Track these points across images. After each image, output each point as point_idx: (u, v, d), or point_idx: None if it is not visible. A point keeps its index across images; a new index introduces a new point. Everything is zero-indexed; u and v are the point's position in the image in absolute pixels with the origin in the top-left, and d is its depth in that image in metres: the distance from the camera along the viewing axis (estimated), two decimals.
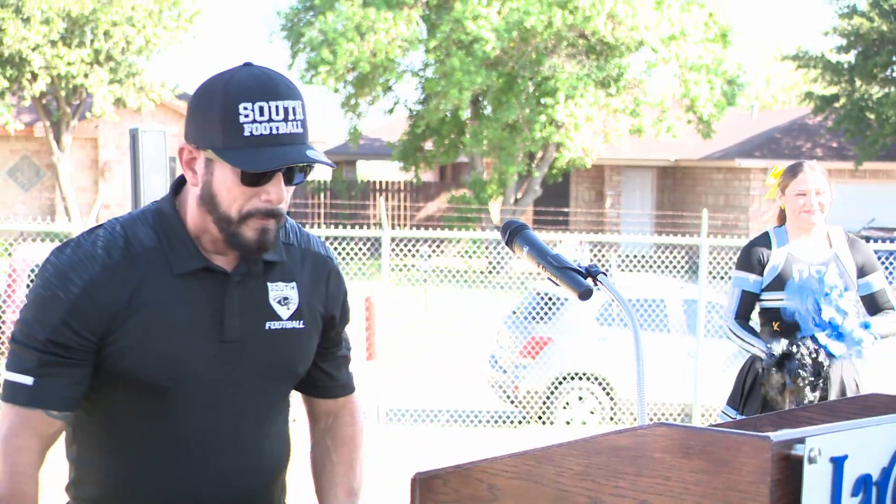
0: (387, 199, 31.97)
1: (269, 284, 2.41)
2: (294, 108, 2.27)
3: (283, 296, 2.42)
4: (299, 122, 2.28)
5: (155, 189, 7.29)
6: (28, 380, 2.27)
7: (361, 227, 28.51)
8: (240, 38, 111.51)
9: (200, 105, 2.29)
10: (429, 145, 28.85)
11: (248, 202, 2.27)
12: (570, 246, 20.71)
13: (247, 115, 2.22)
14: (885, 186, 29.88)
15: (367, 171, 39.08)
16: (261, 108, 2.23)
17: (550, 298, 11.77)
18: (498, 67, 25.56)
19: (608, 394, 11.51)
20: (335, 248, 22.41)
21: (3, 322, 11.04)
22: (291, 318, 2.43)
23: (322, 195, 32.14)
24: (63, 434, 2.42)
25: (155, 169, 7.30)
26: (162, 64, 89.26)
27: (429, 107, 26.63)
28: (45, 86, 25.15)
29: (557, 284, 2.87)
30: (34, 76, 24.84)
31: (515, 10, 24.81)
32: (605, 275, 3.03)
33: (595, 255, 23.11)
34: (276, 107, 2.24)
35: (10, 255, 13.53)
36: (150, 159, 7.29)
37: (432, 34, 26.22)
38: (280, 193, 2.27)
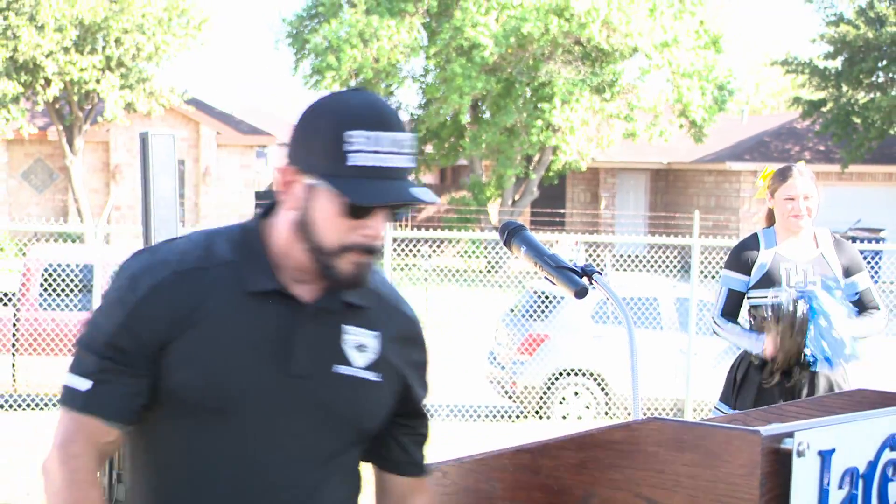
0: None
1: (345, 326, 2.18)
2: (404, 141, 2.09)
3: (361, 342, 2.19)
4: (408, 156, 2.10)
5: (164, 191, 7.29)
6: (86, 384, 2.10)
7: None
8: (246, 45, 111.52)
9: (308, 127, 2.11)
10: (429, 148, 28.85)
11: (346, 234, 2.08)
12: (567, 246, 20.71)
13: (357, 144, 2.04)
14: (871, 188, 29.88)
15: None
16: (372, 138, 2.05)
17: (547, 297, 11.77)
18: (496, 73, 25.56)
19: (603, 389, 11.51)
20: None
21: (18, 320, 11.03)
22: (368, 368, 2.19)
23: None
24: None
25: (164, 171, 7.29)
26: (171, 70, 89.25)
27: (429, 111, 26.63)
28: (59, 91, 25.15)
29: (554, 283, 2.87)
30: (48, 82, 24.83)
31: (513, 17, 24.81)
32: (600, 274, 3.02)
33: (590, 255, 23.10)
34: (387, 138, 2.06)
35: (24, 254, 13.53)
36: (160, 162, 7.29)
37: (433, 41, 26.23)
38: (380, 229, 2.09)
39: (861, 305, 5.21)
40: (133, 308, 2.09)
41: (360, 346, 2.18)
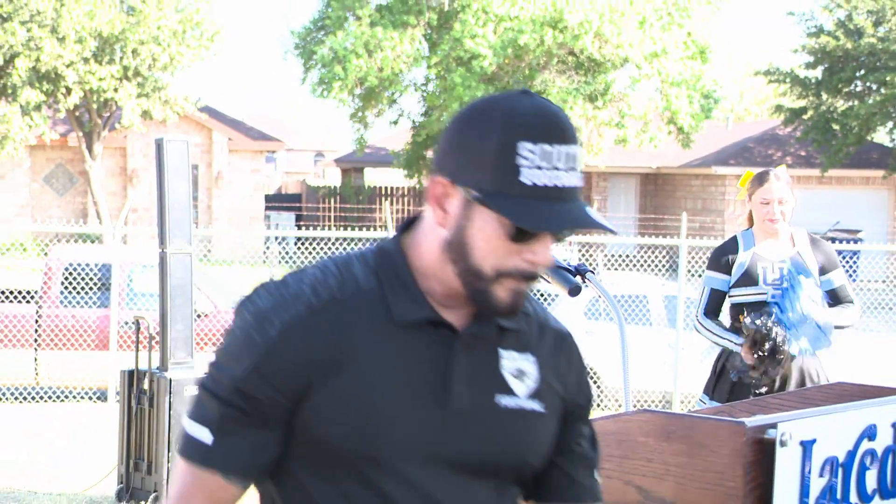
0: (391, 204, 31.95)
1: (501, 351, 1.83)
2: (576, 155, 1.73)
3: (520, 368, 1.85)
4: (579, 173, 1.74)
5: (178, 194, 7.28)
6: (207, 435, 1.76)
7: (368, 229, 28.48)
8: (257, 56, 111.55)
9: (469, 134, 1.73)
10: (430, 154, 28.86)
11: (507, 259, 1.72)
12: (561, 246, 20.70)
13: (528, 158, 1.68)
14: (849, 192, 29.88)
15: (374, 177, 39.07)
16: (545, 153, 1.69)
17: (542, 294, 11.76)
18: (494, 82, 25.56)
19: (595, 382, 11.50)
20: (344, 250, 22.34)
21: (40, 316, 11.03)
22: (530, 397, 1.85)
23: (332, 199, 32.14)
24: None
25: (178, 175, 7.29)
26: (185, 79, 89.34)
27: (431, 118, 26.64)
28: (79, 99, 25.16)
29: (549, 282, 2.87)
30: (68, 91, 24.84)
31: (510, 29, 24.81)
32: (593, 273, 3.03)
33: (583, 255, 23.09)
34: (563, 152, 1.70)
35: (46, 254, 13.52)
36: (174, 167, 7.28)
37: (434, 52, 26.23)
38: (548, 255, 1.76)
39: (836, 300, 5.22)
40: (264, 351, 1.74)
41: (520, 373, 1.85)
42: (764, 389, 5.03)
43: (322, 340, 1.74)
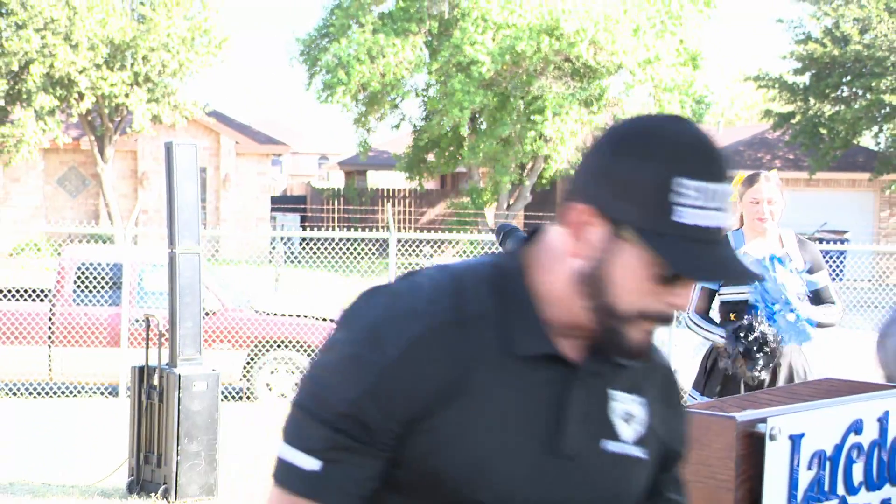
0: (394, 205, 31.95)
1: (612, 392, 1.64)
2: (730, 193, 1.53)
3: (629, 411, 1.65)
4: (729, 212, 1.53)
5: (187, 196, 7.28)
6: (313, 464, 1.52)
7: (371, 229, 28.49)
8: (263, 62, 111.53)
9: (622, 162, 1.51)
10: (431, 157, 28.85)
11: (648, 300, 1.52)
12: None
13: (688, 196, 1.48)
14: (836, 194, 29.88)
15: (376, 179, 39.07)
16: (705, 190, 1.49)
17: None
18: (493, 88, 25.56)
19: None
20: (348, 250, 22.45)
21: (54, 314, 11.03)
22: (635, 442, 1.65)
23: (336, 201, 32.13)
24: None
25: (187, 178, 7.29)
26: (194, 85, 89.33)
27: (432, 123, 26.64)
28: (91, 104, 25.17)
29: None
30: (81, 96, 24.84)
31: (508, 36, 24.81)
32: None
33: None
34: (718, 191, 1.50)
35: (59, 254, 13.52)
36: (183, 169, 7.28)
37: (434, 58, 26.23)
38: (688, 298, 1.56)
39: (818, 300, 5.23)
40: (383, 372, 1.50)
41: (628, 416, 1.65)
42: (764, 376, 5.03)
43: (442, 366, 1.52)
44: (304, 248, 24.25)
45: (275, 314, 11.27)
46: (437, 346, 1.52)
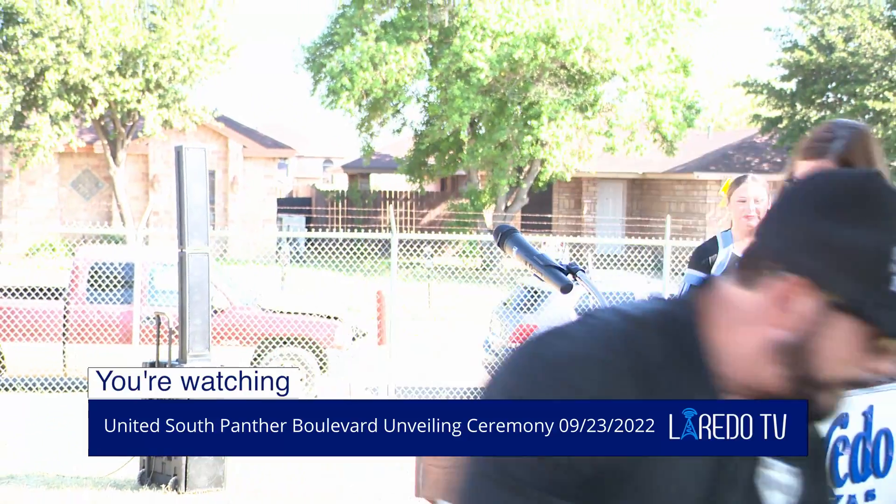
0: (395, 207, 31.95)
1: (767, 459, 1.49)
2: None
3: (782, 482, 1.49)
4: None
5: (197, 198, 7.28)
6: None
7: (374, 230, 28.49)
8: (270, 69, 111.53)
9: (836, 229, 1.37)
10: (431, 160, 28.84)
11: (853, 368, 1.41)
12: (553, 247, 20.68)
13: None
14: None
15: (379, 182, 39.07)
16: None
17: (536, 292, 11.75)
18: (491, 94, 25.56)
19: None
20: (352, 250, 22.45)
21: (68, 312, 11.02)
22: None
23: (340, 203, 32.13)
24: None
25: (197, 180, 7.29)
26: (203, 91, 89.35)
27: (432, 127, 26.65)
28: (104, 110, 25.18)
29: (542, 280, 2.86)
30: (94, 102, 24.85)
31: (506, 44, 24.80)
32: (583, 271, 3.02)
33: (574, 255, 23.08)
34: None
35: (73, 254, 13.51)
36: (193, 172, 7.28)
37: (435, 65, 26.22)
38: (891, 365, 1.43)
39: None
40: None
41: (780, 487, 1.50)
42: None
43: None
44: (309, 249, 24.25)
45: (281, 312, 11.27)
46: (617, 394, 1.38)
